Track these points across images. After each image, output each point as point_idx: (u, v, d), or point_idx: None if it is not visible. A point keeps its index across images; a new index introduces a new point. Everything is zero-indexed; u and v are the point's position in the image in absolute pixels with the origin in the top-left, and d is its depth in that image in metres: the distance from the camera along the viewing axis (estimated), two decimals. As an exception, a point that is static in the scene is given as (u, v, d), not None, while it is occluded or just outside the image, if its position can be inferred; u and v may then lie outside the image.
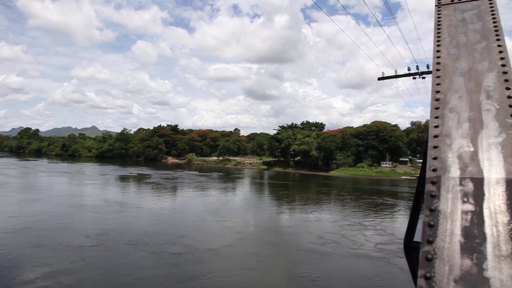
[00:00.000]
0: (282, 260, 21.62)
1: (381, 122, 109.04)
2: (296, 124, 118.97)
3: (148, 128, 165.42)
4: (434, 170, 1.92)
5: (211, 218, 33.09)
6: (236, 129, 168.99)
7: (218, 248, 23.20)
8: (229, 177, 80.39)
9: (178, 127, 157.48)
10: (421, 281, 1.47)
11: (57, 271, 18.22)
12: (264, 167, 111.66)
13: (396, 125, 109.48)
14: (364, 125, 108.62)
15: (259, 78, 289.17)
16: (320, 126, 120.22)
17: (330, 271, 19.93)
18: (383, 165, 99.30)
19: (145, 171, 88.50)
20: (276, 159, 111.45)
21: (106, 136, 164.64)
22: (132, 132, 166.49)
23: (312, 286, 18.09)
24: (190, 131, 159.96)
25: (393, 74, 25.81)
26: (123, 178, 69.44)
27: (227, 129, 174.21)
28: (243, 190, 58.36)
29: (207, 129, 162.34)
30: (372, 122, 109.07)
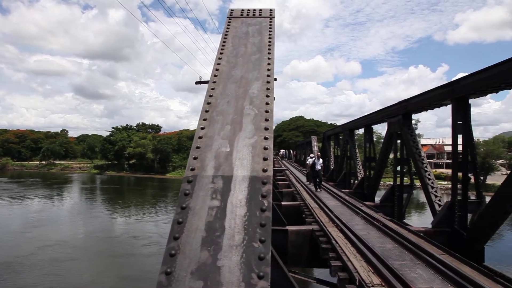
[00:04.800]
0: (82, 263, 20.78)
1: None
2: (131, 126, 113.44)
3: None
4: (192, 169, 2.03)
5: (11, 229, 28.89)
6: (63, 129, 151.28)
7: (11, 260, 20.64)
8: (50, 183, 71.08)
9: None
10: (161, 277, 1.52)
11: None
12: (96, 171, 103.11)
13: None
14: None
15: (90, 75, 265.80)
16: (156, 128, 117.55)
17: (131, 270, 19.97)
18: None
19: None
20: (110, 162, 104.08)
21: None
22: None
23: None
24: (5, 131, 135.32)
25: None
26: None
27: (53, 130, 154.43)
28: (65, 197, 52.30)
29: (27, 129, 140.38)
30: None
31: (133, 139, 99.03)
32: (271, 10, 3.85)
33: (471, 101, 8.56)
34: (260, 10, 3.86)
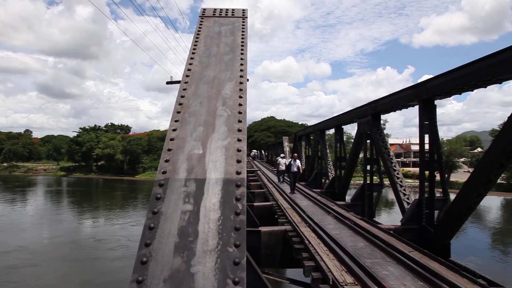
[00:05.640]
0: (42, 269, 19.97)
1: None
2: (99, 126, 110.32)
3: None
4: (164, 172, 1.95)
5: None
6: (27, 130, 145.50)
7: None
8: (11, 186, 67.93)
9: None
10: (132, 286, 1.47)
11: None
12: (62, 173, 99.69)
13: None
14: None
15: (56, 73, 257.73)
16: (125, 128, 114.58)
17: (95, 274, 19.41)
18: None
19: None
20: (77, 164, 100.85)
21: None
22: None
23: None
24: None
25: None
26: None
27: (16, 130, 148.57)
28: (28, 201, 50.08)
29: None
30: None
31: (101, 140, 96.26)
32: (243, 10, 3.83)
33: (436, 102, 8.86)
34: (233, 10, 3.83)
